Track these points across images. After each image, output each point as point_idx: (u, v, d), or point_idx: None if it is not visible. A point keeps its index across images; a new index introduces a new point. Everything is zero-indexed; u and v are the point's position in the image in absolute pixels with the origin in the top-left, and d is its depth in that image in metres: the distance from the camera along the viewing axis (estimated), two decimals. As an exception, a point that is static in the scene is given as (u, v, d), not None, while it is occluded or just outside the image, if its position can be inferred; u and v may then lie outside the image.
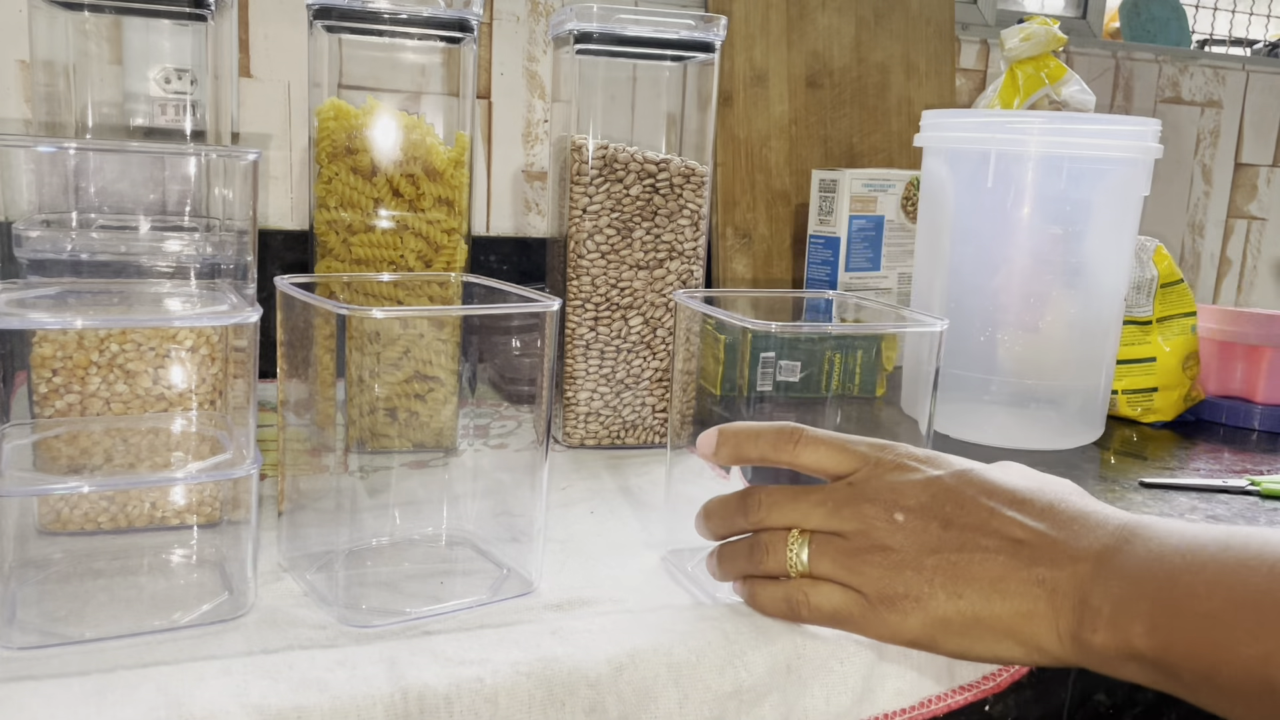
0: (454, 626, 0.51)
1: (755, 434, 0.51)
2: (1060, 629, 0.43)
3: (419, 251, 0.75)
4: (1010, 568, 0.44)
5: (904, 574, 0.46)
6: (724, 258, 1.19)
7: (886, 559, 0.46)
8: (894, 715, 0.51)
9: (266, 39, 1.04)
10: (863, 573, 0.46)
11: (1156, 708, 0.59)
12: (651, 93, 0.86)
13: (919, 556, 0.45)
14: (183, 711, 0.40)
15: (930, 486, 0.47)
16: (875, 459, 0.48)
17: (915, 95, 1.30)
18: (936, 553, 0.45)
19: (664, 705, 0.47)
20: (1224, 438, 0.96)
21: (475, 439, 0.78)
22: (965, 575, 0.45)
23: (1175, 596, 0.41)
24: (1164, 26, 1.58)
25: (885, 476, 0.47)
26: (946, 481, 0.47)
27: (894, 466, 0.48)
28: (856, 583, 0.47)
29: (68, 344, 0.56)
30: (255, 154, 0.55)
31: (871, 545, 0.46)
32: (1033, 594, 0.44)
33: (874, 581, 0.46)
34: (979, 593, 0.44)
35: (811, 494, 0.48)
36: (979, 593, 0.44)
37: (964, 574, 0.45)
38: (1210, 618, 0.39)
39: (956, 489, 0.46)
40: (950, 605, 0.45)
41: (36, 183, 0.60)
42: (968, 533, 0.45)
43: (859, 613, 0.47)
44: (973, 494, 0.46)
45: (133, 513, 0.58)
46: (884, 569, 0.46)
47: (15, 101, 0.97)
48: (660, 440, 0.83)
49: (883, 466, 0.48)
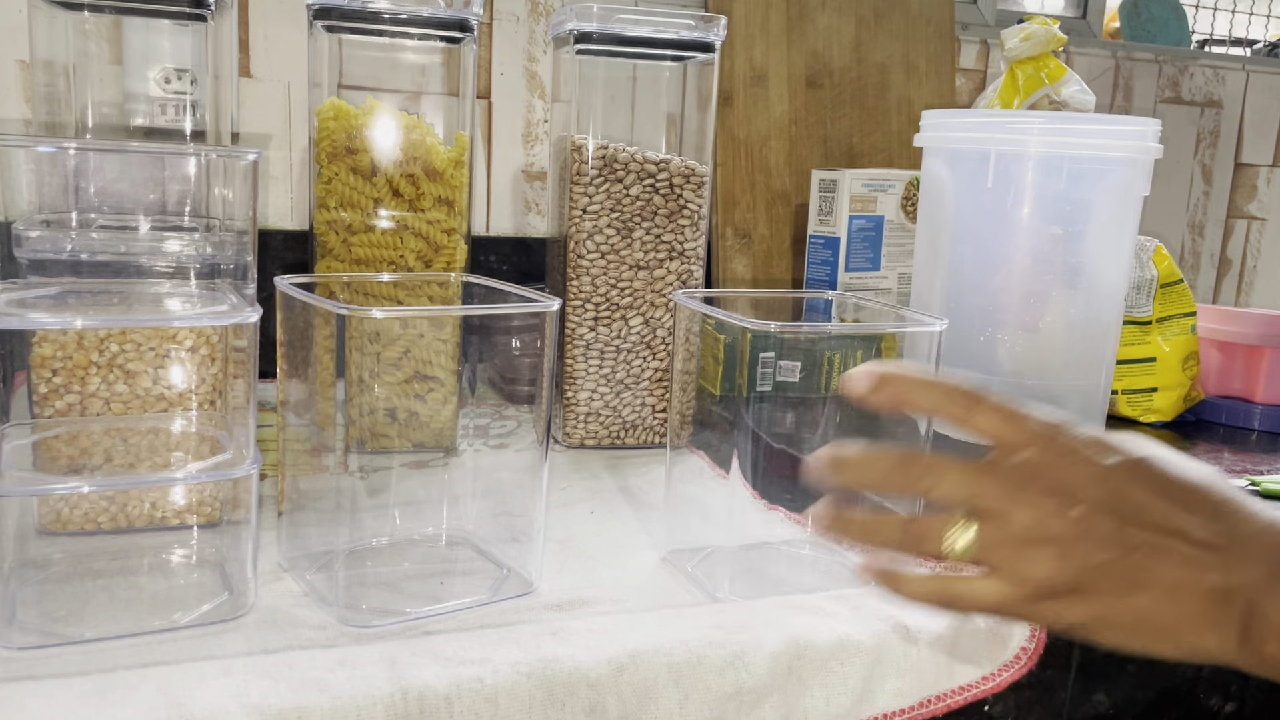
0: (454, 626, 0.51)
1: (928, 385, 0.48)
2: (1228, 636, 0.43)
3: (419, 251, 0.75)
4: (1184, 573, 0.44)
5: (1075, 569, 0.45)
6: (724, 258, 1.19)
7: (1059, 553, 0.45)
8: (894, 715, 0.51)
9: (266, 39, 1.04)
10: (1033, 565, 0.45)
11: (1156, 707, 0.59)
12: (651, 93, 0.86)
13: (1092, 552, 0.45)
14: (183, 711, 0.40)
15: (1108, 480, 0.45)
16: (1048, 439, 0.46)
17: (915, 95, 1.30)
18: (1111, 550, 0.45)
19: (664, 705, 0.47)
20: (1224, 438, 0.96)
21: (475, 439, 0.78)
22: (1138, 577, 0.44)
23: None
24: (1164, 26, 1.58)
25: (1060, 463, 0.46)
26: (1122, 474, 0.46)
27: (1067, 452, 0.46)
28: (1024, 573, 0.45)
29: (68, 344, 0.56)
30: (255, 154, 0.55)
31: (1044, 537, 0.45)
32: (1204, 600, 0.43)
33: (1043, 575, 0.45)
34: (1150, 596, 0.44)
35: (985, 471, 0.47)
36: (1150, 596, 0.44)
37: (1137, 576, 0.44)
38: None
39: (1132, 484, 0.46)
40: (1119, 604, 0.44)
41: (36, 183, 0.60)
42: (1144, 532, 0.44)
43: (1021, 603, 0.46)
44: (1149, 490, 0.45)
45: (133, 513, 0.58)
46: (1055, 562, 0.45)
47: (15, 101, 0.97)
48: (660, 440, 0.83)
49: (1055, 450, 0.46)
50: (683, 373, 0.62)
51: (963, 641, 0.53)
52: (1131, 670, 0.58)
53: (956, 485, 0.47)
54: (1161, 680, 0.59)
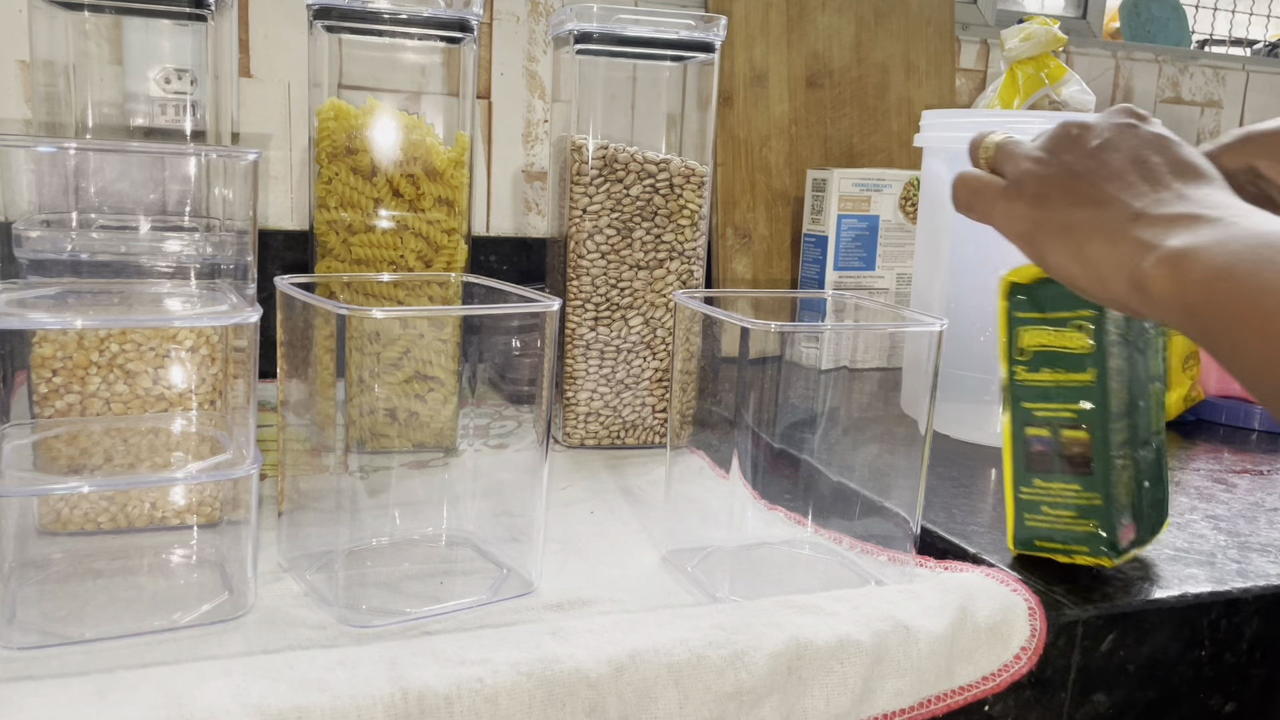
0: (454, 626, 0.51)
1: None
2: (1130, 274, 0.46)
3: (419, 251, 0.75)
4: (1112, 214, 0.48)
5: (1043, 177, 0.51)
6: (724, 258, 1.19)
7: (1038, 161, 0.52)
8: (894, 715, 0.51)
9: (266, 39, 1.04)
10: (1016, 164, 0.53)
11: (1156, 707, 0.59)
12: (651, 93, 0.86)
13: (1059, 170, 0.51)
14: (183, 711, 0.40)
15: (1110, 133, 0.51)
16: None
17: (915, 95, 1.30)
18: (1071, 174, 0.50)
19: (664, 706, 0.47)
20: (1224, 438, 0.96)
21: (475, 439, 0.78)
22: (1084, 197, 0.49)
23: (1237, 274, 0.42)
24: (1164, 26, 1.58)
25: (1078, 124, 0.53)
26: (1124, 134, 0.51)
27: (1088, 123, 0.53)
28: (1008, 170, 0.53)
29: (68, 344, 0.56)
30: (255, 154, 0.55)
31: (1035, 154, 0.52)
32: (1125, 235, 0.47)
33: (1020, 170, 0.52)
34: (1084, 214, 0.49)
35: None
36: (1084, 214, 0.49)
37: (1083, 196, 0.49)
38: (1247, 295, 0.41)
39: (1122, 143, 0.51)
40: (1059, 215, 0.50)
41: (36, 183, 0.60)
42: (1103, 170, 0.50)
43: (996, 193, 0.53)
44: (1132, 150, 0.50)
45: (133, 513, 0.58)
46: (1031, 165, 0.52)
47: (15, 101, 0.97)
48: (660, 440, 0.83)
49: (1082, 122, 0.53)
50: (683, 373, 0.62)
51: (963, 641, 0.53)
52: (1131, 670, 0.58)
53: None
54: (1161, 680, 0.59)
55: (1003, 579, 0.56)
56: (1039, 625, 0.54)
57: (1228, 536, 0.68)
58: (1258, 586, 0.60)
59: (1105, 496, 0.57)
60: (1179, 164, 0.49)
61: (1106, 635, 0.56)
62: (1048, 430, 0.58)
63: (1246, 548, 0.66)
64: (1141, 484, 0.60)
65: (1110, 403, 0.56)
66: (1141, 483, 0.60)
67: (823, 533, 0.66)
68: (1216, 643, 0.59)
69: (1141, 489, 0.60)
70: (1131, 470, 0.59)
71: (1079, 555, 0.59)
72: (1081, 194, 0.49)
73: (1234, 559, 0.63)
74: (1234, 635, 0.60)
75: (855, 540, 0.63)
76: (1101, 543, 0.58)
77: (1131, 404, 0.58)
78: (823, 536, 0.65)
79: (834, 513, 0.66)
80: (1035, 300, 0.58)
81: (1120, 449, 0.57)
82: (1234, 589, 0.59)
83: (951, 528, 0.65)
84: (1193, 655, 0.59)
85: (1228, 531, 0.69)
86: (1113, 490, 0.57)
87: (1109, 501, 0.57)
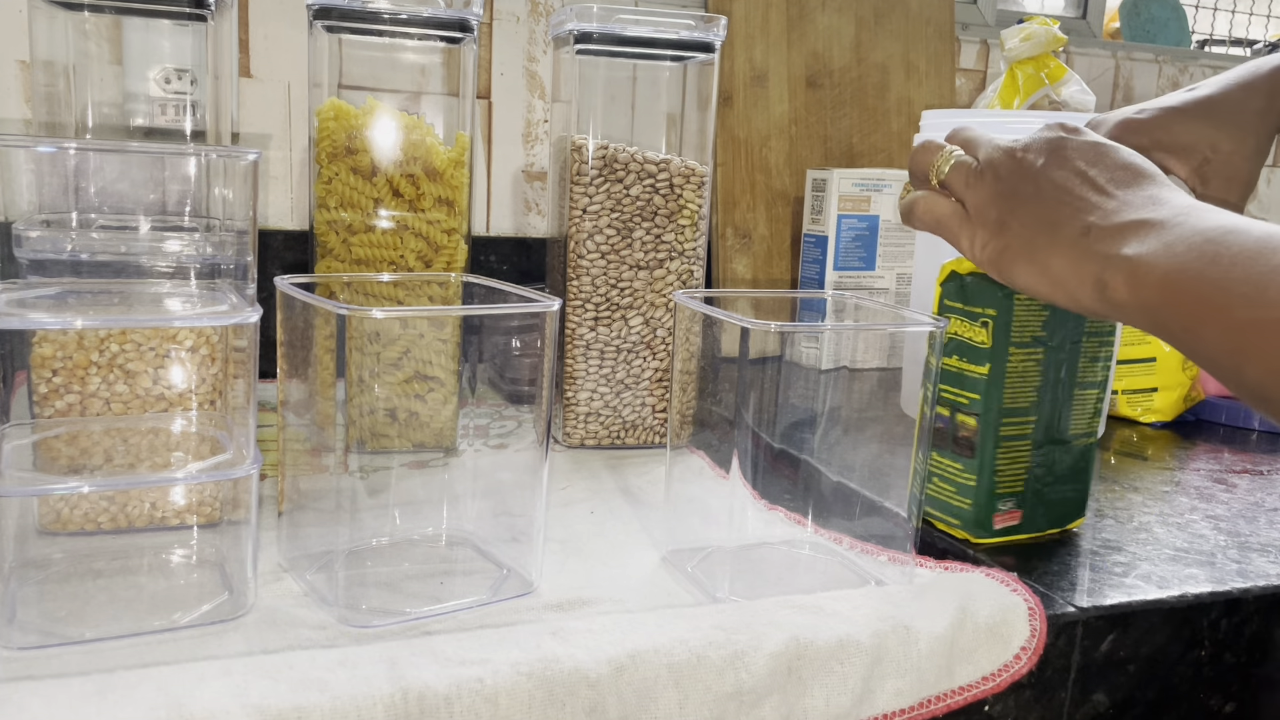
0: (454, 626, 0.51)
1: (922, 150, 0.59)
2: (1093, 285, 0.48)
3: (419, 251, 0.75)
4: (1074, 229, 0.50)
5: (1003, 203, 0.53)
6: (724, 258, 1.19)
7: (996, 187, 0.54)
8: (894, 715, 0.51)
9: (266, 39, 1.04)
10: (976, 191, 0.54)
11: (1156, 707, 0.59)
12: (651, 93, 0.86)
13: (1019, 192, 0.52)
14: (183, 711, 0.40)
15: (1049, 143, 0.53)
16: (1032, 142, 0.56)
17: (915, 95, 1.30)
18: (1032, 198, 0.52)
19: (664, 706, 0.47)
20: (1224, 438, 0.96)
21: (475, 439, 0.78)
22: (1046, 220, 0.51)
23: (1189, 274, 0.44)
24: (1164, 27, 1.58)
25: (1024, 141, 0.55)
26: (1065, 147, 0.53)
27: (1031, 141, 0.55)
28: (969, 197, 0.55)
29: (68, 344, 0.56)
30: (255, 154, 0.55)
31: (993, 174, 0.54)
32: (1082, 250, 0.49)
33: (980, 198, 0.54)
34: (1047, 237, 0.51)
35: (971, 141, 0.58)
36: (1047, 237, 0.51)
37: (1046, 219, 0.51)
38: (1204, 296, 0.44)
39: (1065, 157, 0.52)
40: (1024, 238, 0.52)
41: (36, 183, 0.60)
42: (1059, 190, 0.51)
43: (959, 221, 0.55)
44: (1077, 165, 0.52)
45: (133, 513, 0.58)
46: (991, 190, 0.54)
47: (15, 101, 0.97)
48: (660, 440, 0.83)
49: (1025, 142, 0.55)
50: (683, 373, 0.62)
51: (963, 641, 0.53)
52: (1132, 670, 0.58)
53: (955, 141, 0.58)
54: (1161, 680, 0.59)
55: (1003, 579, 0.56)
56: (1039, 625, 0.54)
57: (1228, 536, 0.68)
58: (1258, 586, 0.60)
59: (981, 480, 0.63)
60: (1118, 169, 0.51)
61: (1106, 635, 0.56)
62: (948, 410, 0.63)
63: (1246, 548, 0.66)
64: (1038, 478, 0.64)
65: (1000, 398, 0.61)
66: (1039, 476, 0.64)
67: (823, 533, 0.66)
68: (1216, 643, 0.59)
69: (1037, 482, 0.64)
70: (1025, 464, 0.63)
71: (954, 527, 0.65)
72: (1036, 216, 0.51)
73: (1234, 559, 0.64)
74: (1234, 635, 0.60)
75: (855, 540, 0.63)
76: (972, 519, 0.63)
77: (1037, 405, 0.63)
78: (823, 536, 0.66)
79: (834, 513, 0.66)
80: (963, 291, 0.63)
81: (1011, 442, 0.62)
82: (1234, 589, 0.59)
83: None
84: (1193, 655, 0.59)
85: (1228, 531, 0.69)
86: (990, 477, 0.62)
87: (984, 485, 0.62)
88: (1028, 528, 0.65)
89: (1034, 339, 0.62)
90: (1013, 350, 0.61)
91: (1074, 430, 0.65)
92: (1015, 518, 0.64)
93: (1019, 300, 0.60)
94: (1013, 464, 0.63)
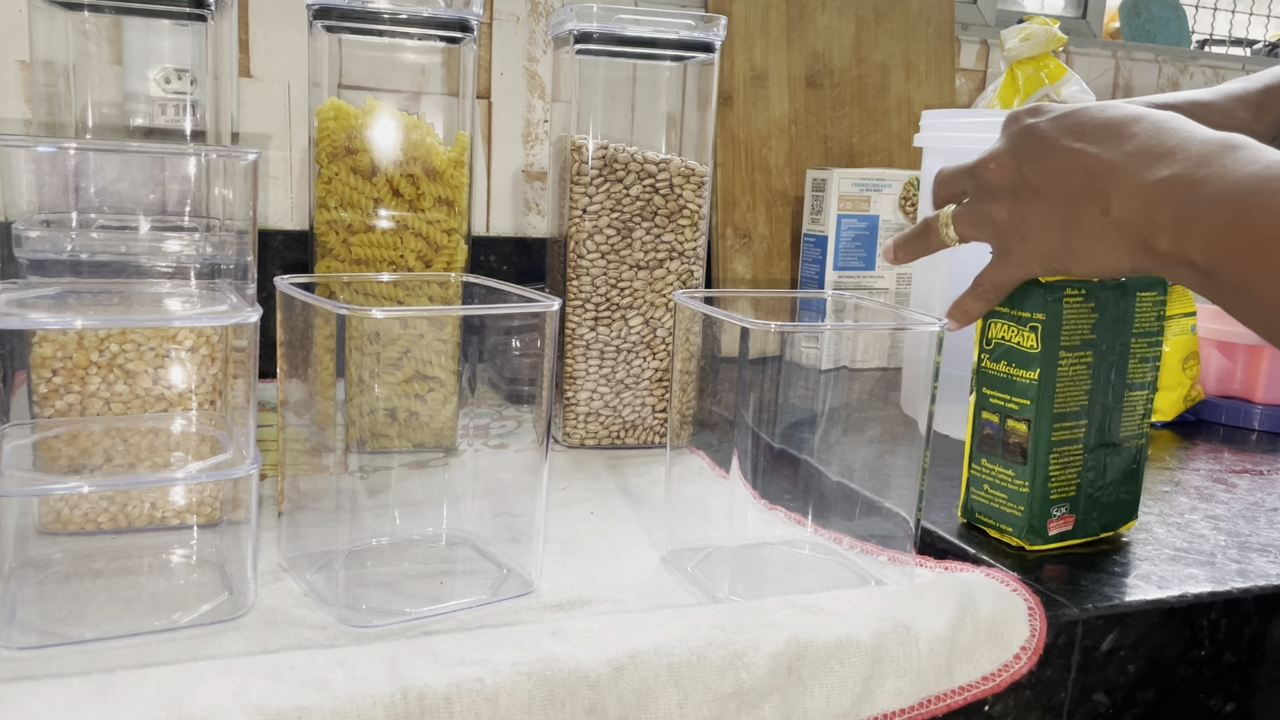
0: (454, 626, 0.51)
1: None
2: (1134, 245, 0.50)
3: (419, 251, 0.75)
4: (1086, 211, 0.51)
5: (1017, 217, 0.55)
6: (724, 258, 1.19)
7: (1009, 202, 0.55)
8: (894, 715, 0.51)
9: (266, 39, 1.04)
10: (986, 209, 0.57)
11: (1156, 707, 0.59)
12: (651, 93, 0.86)
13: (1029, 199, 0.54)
14: (183, 711, 0.40)
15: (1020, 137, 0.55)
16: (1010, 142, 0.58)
17: (915, 95, 1.30)
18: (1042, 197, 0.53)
19: (664, 706, 0.47)
20: (1224, 438, 0.96)
21: (475, 439, 0.78)
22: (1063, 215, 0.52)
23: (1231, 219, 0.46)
24: (1164, 26, 1.58)
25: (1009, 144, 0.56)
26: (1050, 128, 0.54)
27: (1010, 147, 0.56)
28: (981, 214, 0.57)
29: (68, 344, 0.56)
30: (255, 154, 0.55)
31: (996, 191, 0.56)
32: (1110, 228, 0.50)
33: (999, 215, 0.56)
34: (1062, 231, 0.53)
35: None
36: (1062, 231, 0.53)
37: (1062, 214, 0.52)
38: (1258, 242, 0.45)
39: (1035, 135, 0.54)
40: (1045, 243, 0.54)
41: (36, 183, 0.60)
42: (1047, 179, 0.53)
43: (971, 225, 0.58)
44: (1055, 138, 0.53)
45: (133, 513, 0.58)
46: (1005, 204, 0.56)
47: (15, 101, 0.97)
48: (660, 440, 0.83)
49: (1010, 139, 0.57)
50: (683, 373, 0.62)
51: (963, 641, 0.53)
52: (1131, 670, 0.58)
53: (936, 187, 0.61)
54: (1161, 680, 0.59)
55: (1003, 579, 0.56)
56: (1039, 625, 0.54)
57: (1228, 536, 0.68)
58: (1258, 586, 0.60)
59: (1034, 486, 0.61)
60: (1099, 131, 0.51)
61: (1106, 635, 0.56)
62: (997, 417, 0.63)
63: (1246, 548, 0.66)
64: (1091, 481, 0.63)
65: (1051, 403, 0.60)
66: (1091, 480, 0.63)
67: (823, 533, 0.66)
68: (1216, 643, 0.59)
69: (1090, 486, 0.63)
70: (1078, 468, 0.62)
71: (1007, 534, 0.64)
72: (1050, 217, 0.52)
73: (1234, 559, 0.63)
74: (1234, 635, 0.60)
75: (855, 540, 0.63)
76: (1025, 526, 0.62)
77: (1088, 408, 0.62)
78: (823, 536, 0.65)
79: (834, 513, 0.66)
80: (1009, 296, 0.62)
81: (1063, 447, 0.61)
82: (1234, 589, 0.59)
83: (951, 528, 0.66)
84: (1193, 655, 0.59)
85: (1228, 531, 0.69)
86: (1044, 482, 0.61)
87: (1037, 491, 0.61)
88: (1080, 532, 0.64)
89: (1083, 342, 0.61)
90: (1062, 354, 0.60)
91: (1125, 432, 0.64)
92: (1069, 523, 0.63)
93: (1067, 303, 0.59)
94: (1065, 469, 0.62)
